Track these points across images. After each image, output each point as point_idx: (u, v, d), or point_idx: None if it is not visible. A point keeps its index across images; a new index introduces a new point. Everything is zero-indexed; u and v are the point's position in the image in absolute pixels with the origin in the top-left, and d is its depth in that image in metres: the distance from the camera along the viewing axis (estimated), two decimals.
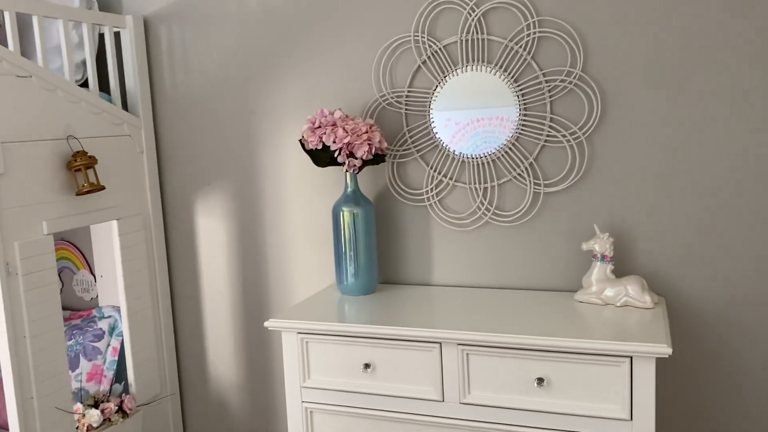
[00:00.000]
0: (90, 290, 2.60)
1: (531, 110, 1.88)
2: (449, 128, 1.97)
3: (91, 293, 2.61)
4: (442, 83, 1.95)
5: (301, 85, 2.13)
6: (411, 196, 2.04)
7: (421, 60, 1.96)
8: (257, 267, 2.30)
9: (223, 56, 2.23)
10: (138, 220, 2.26)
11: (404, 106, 2.01)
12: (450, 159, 1.99)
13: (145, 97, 2.30)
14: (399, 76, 2.01)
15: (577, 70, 1.81)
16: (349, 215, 1.95)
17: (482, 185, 1.96)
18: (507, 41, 1.86)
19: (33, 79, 1.88)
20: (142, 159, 2.29)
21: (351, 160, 1.89)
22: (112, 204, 2.15)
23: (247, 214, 2.28)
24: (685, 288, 1.82)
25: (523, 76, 1.87)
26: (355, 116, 1.94)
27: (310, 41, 2.10)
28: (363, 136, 1.86)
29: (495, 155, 1.93)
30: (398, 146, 2.03)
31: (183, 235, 2.39)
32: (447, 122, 1.97)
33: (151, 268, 2.33)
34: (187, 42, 2.27)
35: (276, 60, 2.15)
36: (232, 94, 2.23)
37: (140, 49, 2.28)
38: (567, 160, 1.86)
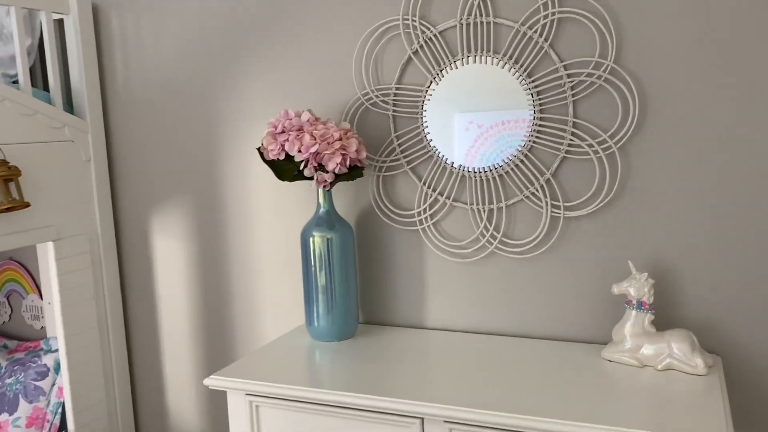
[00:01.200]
0: (40, 318, 2.27)
1: (549, 112, 1.48)
2: (446, 134, 1.58)
3: (41, 321, 2.27)
4: (438, 78, 1.56)
5: (270, 82, 1.76)
6: (400, 217, 1.66)
7: (412, 50, 1.57)
8: (220, 299, 1.93)
9: (181, 48, 1.87)
10: (82, 240, 1.91)
11: (392, 106, 1.62)
12: (447, 173, 1.60)
13: (94, 96, 1.95)
14: (386, 70, 1.62)
15: (608, 62, 1.40)
16: (320, 241, 1.57)
17: (487, 206, 1.56)
18: (518, 25, 1.47)
19: None
20: (88, 169, 1.94)
21: (320, 174, 1.51)
22: (48, 222, 1.81)
23: (209, 236, 1.91)
24: (749, 346, 1.40)
25: (539, 69, 1.47)
26: (328, 119, 1.56)
27: (280, 29, 1.73)
28: (335, 144, 1.48)
29: (503, 169, 1.53)
30: (384, 156, 1.65)
31: (140, 259, 2.03)
32: (443, 127, 1.58)
33: (100, 298, 1.98)
34: (142, 32, 1.91)
35: (241, 52, 1.79)
36: (191, 93, 1.87)
37: (87, 40, 1.93)
38: (594, 176, 1.46)
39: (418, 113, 1.59)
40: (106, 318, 2.01)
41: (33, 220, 1.76)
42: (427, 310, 1.68)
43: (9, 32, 1.90)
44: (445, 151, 1.59)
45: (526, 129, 1.50)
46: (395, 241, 1.68)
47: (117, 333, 2.04)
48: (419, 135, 1.60)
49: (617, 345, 1.39)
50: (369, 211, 1.70)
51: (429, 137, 1.59)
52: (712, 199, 1.38)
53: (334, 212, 1.61)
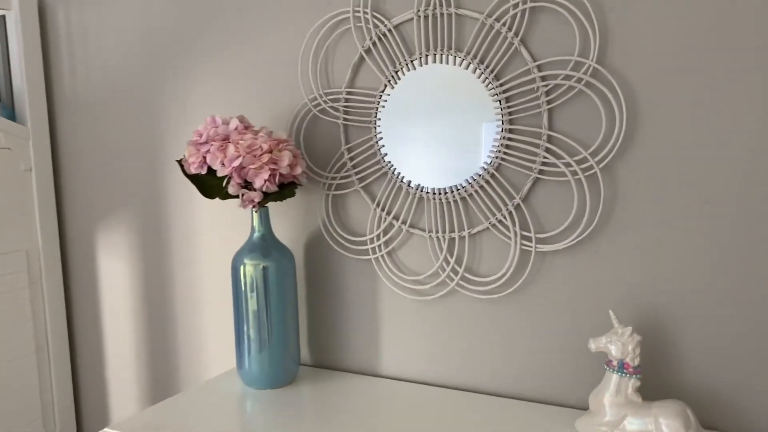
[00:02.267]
0: None
1: (519, 123, 1.22)
2: (402, 148, 1.33)
3: None
4: (393, 81, 1.31)
5: (215, 86, 1.55)
6: (351, 244, 1.41)
7: (364, 47, 1.33)
8: (165, 327, 1.72)
9: (123, 45, 1.67)
10: (18, 258, 1.73)
11: (342, 113, 1.38)
12: (403, 193, 1.35)
13: (37, 99, 1.77)
14: (337, 72, 1.39)
15: (589, 61, 1.13)
16: (253, 270, 1.34)
17: (447, 234, 1.30)
18: (484, 17, 1.21)
19: None
20: (29, 179, 1.76)
21: (246, 193, 1.28)
22: None
23: (154, 256, 1.71)
24: (759, 422, 1.10)
25: (508, 71, 1.21)
26: (262, 128, 1.33)
27: (224, 26, 1.51)
28: (263, 157, 1.25)
29: (466, 190, 1.27)
30: (334, 172, 1.41)
31: (86, 278, 1.85)
32: (398, 139, 1.33)
33: (39, 321, 1.79)
34: (88, 29, 1.73)
35: (183, 49, 1.58)
36: (134, 98, 1.67)
37: (30, 37, 1.75)
38: (572, 203, 1.18)
39: (371, 122, 1.35)
40: (47, 343, 1.82)
41: None
42: (380, 354, 1.42)
43: None
44: (400, 167, 1.34)
45: (493, 143, 1.24)
46: (345, 271, 1.44)
47: (60, 359, 1.85)
48: (372, 148, 1.36)
49: (594, 416, 1.11)
50: (317, 235, 1.46)
51: (383, 150, 1.34)
52: (719, 234, 1.09)
53: (270, 237, 1.38)
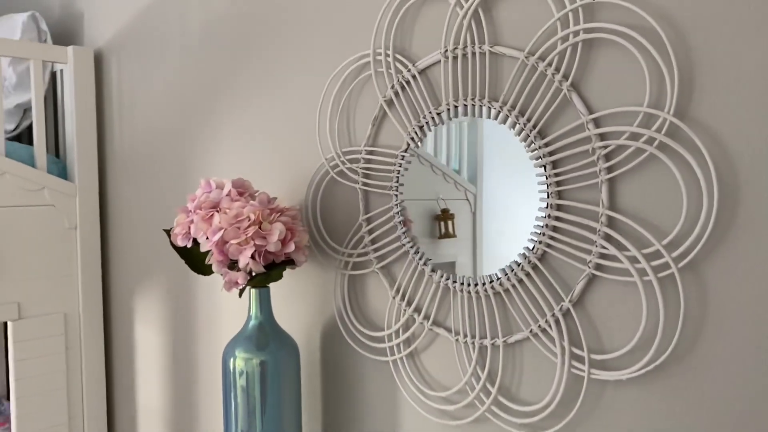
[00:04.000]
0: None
1: (570, 197, 0.88)
2: (424, 222, 1.05)
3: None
4: (417, 139, 1.04)
5: (239, 141, 1.36)
6: (368, 340, 1.13)
7: (385, 98, 1.07)
8: (190, 409, 1.53)
9: (162, 101, 1.55)
10: (56, 321, 1.64)
11: (361, 177, 1.12)
12: (426, 280, 1.05)
13: (86, 154, 1.71)
14: (359, 126, 1.14)
15: (665, 114, 0.78)
16: (244, 365, 1.10)
17: (478, 340, 0.98)
18: (524, 55, 0.90)
19: None
20: (73, 237, 1.68)
21: (228, 273, 1.05)
22: (10, 298, 1.56)
23: (181, 327, 1.53)
24: None
25: (556, 125, 0.89)
26: (260, 193, 1.10)
27: (248, 77, 1.33)
28: (249, 230, 1.02)
29: (501, 283, 0.95)
30: (351, 247, 1.15)
31: (124, 348, 1.72)
32: (421, 210, 1.05)
33: (74, 390, 1.68)
34: (134, 83, 1.64)
35: (211, 106, 1.41)
36: (168, 154, 1.54)
37: (83, 90, 1.70)
38: (641, 313, 0.82)
39: (391, 188, 1.07)
40: (83, 414, 1.70)
41: None
42: None
43: (10, 84, 1.74)
44: (423, 246, 1.04)
45: (537, 222, 0.91)
46: (362, 373, 1.15)
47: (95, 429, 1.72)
48: (392, 220, 1.08)
49: None
50: (332, 324, 1.19)
51: (401, 226, 1.06)
52: None
53: (270, 325, 1.14)
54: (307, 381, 1.23)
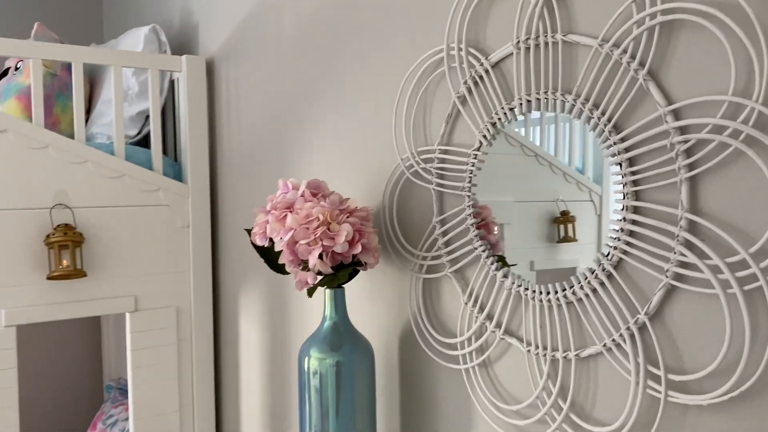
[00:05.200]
0: None
1: (648, 198, 0.79)
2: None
3: None
4: (490, 137, 0.99)
5: (323, 142, 1.37)
6: (441, 347, 1.09)
7: (458, 94, 1.03)
8: (285, 402, 1.57)
9: (262, 103, 1.60)
10: (169, 314, 1.75)
11: (435, 177, 1.08)
12: (498, 286, 0.99)
13: (198, 157, 1.80)
14: (434, 125, 1.10)
15: (753, 102, 0.68)
16: (318, 365, 1.11)
17: (549, 352, 0.91)
18: (598, 42, 0.82)
19: (8, 134, 1.53)
20: (185, 236, 1.79)
21: (299, 273, 1.06)
22: (128, 291, 1.69)
23: (277, 324, 1.58)
24: None
25: (633, 118, 0.80)
26: (332, 193, 1.10)
27: (333, 80, 1.33)
28: (317, 231, 1.02)
29: (573, 292, 0.87)
30: (425, 250, 1.11)
31: (231, 342, 1.80)
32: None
33: (185, 380, 1.78)
34: (239, 85, 1.70)
35: (304, 105, 1.44)
36: (267, 154, 1.59)
37: (196, 97, 1.79)
38: (724, 330, 0.72)
39: (463, 188, 1.03)
40: (192, 403, 1.80)
41: (112, 288, 1.66)
42: None
43: (134, 93, 1.88)
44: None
45: (612, 226, 0.83)
46: (436, 381, 1.11)
47: (205, 423, 1.82)
48: (464, 222, 1.03)
49: None
50: (408, 329, 1.17)
51: (473, 228, 1.01)
52: None
53: (345, 325, 1.13)
54: (385, 383, 1.21)
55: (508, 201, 1.02)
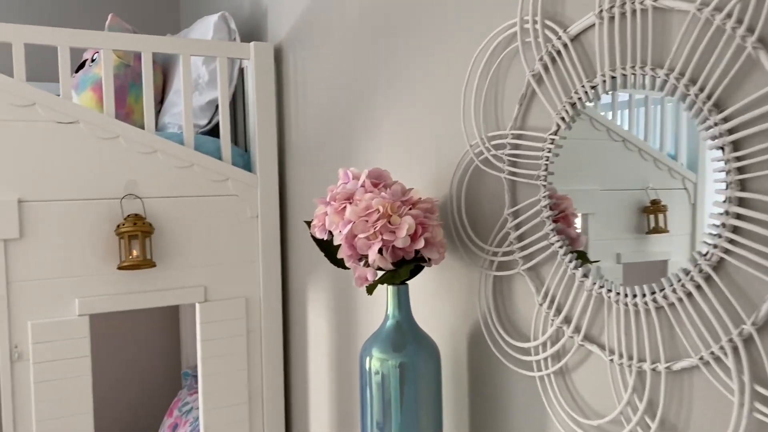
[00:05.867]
0: None
1: (755, 188, 0.67)
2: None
3: None
4: (570, 118, 0.88)
5: (387, 129, 1.29)
6: (512, 350, 1.00)
7: (533, 72, 0.93)
8: (352, 399, 1.51)
9: (327, 91, 1.54)
10: (238, 305, 1.73)
11: (506, 165, 0.99)
12: (576, 287, 0.89)
13: (267, 146, 1.77)
14: (507, 107, 1.00)
15: None
16: (380, 366, 1.04)
17: (635, 362, 0.80)
18: (696, 6, 0.71)
19: (80, 125, 1.54)
20: (254, 226, 1.76)
21: (358, 269, 0.99)
22: (197, 282, 1.68)
23: (343, 317, 1.52)
24: None
25: (738, 95, 0.68)
26: (394, 183, 1.02)
27: (398, 64, 1.25)
28: (377, 224, 0.95)
29: (665, 296, 0.76)
30: (496, 244, 1.02)
31: (299, 333, 1.76)
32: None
33: (254, 371, 1.77)
34: (306, 72, 1.65)
35: (367, 92, 1.36)
36: (333, 143, 1.53)
37: (263, 85, 1.76)
38: None
39: (537, 177, 0.93)
40: (262, 394, 1.78)
41: (182, 278, 1.66)
42: None
43: (204, 82, 1.86)
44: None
45: (712, 220, 0.71)
46: (506, 387, 1.02)
47: (273, 414, 1.79)
48: (538, 215, 0.93)
49: None
50: (477, 330, 1.08)
51: (549, 222, 0.91)
52: None
53: (409, 325, 1.06)
54: (453, 387, 1.13)
55: (592, 190, 0.91)
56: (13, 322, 1.49)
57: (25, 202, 1.49)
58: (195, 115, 1.85)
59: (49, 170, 1.51)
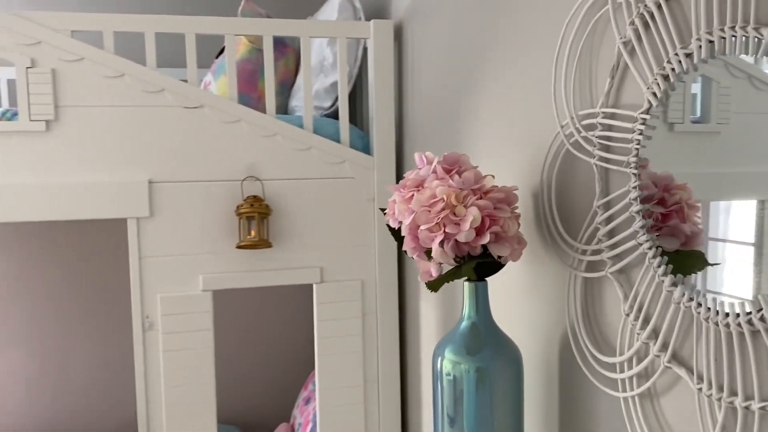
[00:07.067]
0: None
1: None
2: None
3: None
4: (662, 93, 0.73)
5: (491, 109, 1.18)
6: (598, 365, 0.87)
7: (623, 39, 0.78)
8: None
9: (441, 67, 1.45)
10: (354, 287, 1.73)
11: (596, 149, 0.85)
12: (664, 297, 0.74)
13: (384, 128, 1.73)
14: (599, 81, 0.86)
15: None
16: (452, 369, 0.96)
17: (726, 396, 0.65)
18: None
19: (205, 110, 1.61)
20: (370, 209, 1.74)
21: (421, 263, 0.92)
22: (313, 263, 1.70)
23: (447, 303, 1.45)
24: None
25: None
26: (469, 169, 0.92)
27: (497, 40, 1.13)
28: (440, 215, 0.87)
29: (760, 320, 0.60)
30: (584, 241, 0.89)
31: (413, 317, 1.72)
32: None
33: (370, 355, 1.75)
34: (422, 50, 1.58)
35: (470, 71, 1.26)
36: (443, 125, 1.44)
37: (382, 64, 1.72)
38: None
39: (628, 164, 0.78)
40: (378, 378, 1.77)
41: (298, 259, 1.68)
42: None
43: (329, 64, 1.86)
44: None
45: None
46: (592, 406, 0.89)
47: (389, 398, 1.78)
48: (628, 208, 0.79)
49: None
50: (563, 338, 0.95)
51: (639, 217, 0.77)
52: None
53: (486, 327, 0.96)
54: (540, 399, 1.02)
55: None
56: (145, 294, 1.60)
57: (155, 183, 1.59)
58: (319, 97, 1.86)
59: (177, 153, 1.60)
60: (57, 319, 2.51)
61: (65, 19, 1.53)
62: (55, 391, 2.53)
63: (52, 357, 2.52)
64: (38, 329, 2.50)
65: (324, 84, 1.85)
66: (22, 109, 1.50)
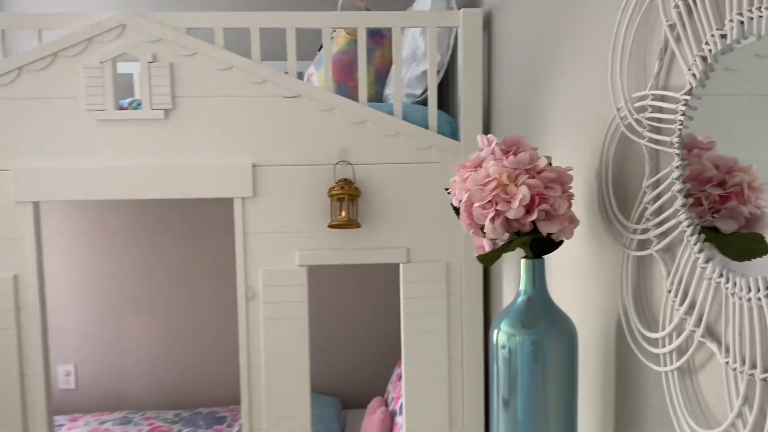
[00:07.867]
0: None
1: None
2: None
3: None
4: (700, 74, 0.75)
5: (560, 93, 1.21)
6: (643, 340, 0.89)
7: (669, 21, 0.80)
8: None
9: (525, 53, 1.49)
10: (439, 268, 1.80)
11: (646, 130, 0.87)
12: (698, 274, 0.76)
13: (471, 113, 1.78)
14: (650, 64, 0.88)
15: None
16: (507, 341, 1.02)
17: (748, 369, 0.67)
18: None
19: (302, 99, 1.74)
20: None
21: (474, 238, 0.98)
22: (400, 243, 1.79)
23: None
24: None
25: None
26: (525, 149, 0.97)
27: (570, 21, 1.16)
28: (493, 192, 0.92)
29: None
30: (635, 221, 0.91)
31: (497, 300, 1.77)
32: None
33: (454, 332, 1.82)
34: (511, 38, 1.62)
35: (551, 59, 1.29)
36: (527, 108, 1.48)
37: (471, 52, 1.77)
38: None
39: (672, 145, 0.81)
40: (462, 357, 1.83)
41: (386, 239, 1.78)
42: None
43: (421, 53, 1.93)
44: (703, 223, 0.76)
45: None
46: (637, 381, 0.92)
47: (472, 376, 1.84)
48: (671, 187, 0.81)
49: None
50: (615, 312, 0.98)
51: (681, 196, 0.79)
52: None
53: (542, 301, 1.01)
54: (593, 373, 1.05)
55: None
56: (248, 267, 1.76)
57: (258, 166, 1.74)
58: (411, 84, 1.94)
59: (277, 139, 1.74)
60: (176, 289, 2.81)
61: (182, 18, 1.71)
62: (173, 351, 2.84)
63: (173, 323, 2.82)
64: (161, 299, 2.82)
65: (416, 72, 1.93)
66: (144, 99, 1.70)
